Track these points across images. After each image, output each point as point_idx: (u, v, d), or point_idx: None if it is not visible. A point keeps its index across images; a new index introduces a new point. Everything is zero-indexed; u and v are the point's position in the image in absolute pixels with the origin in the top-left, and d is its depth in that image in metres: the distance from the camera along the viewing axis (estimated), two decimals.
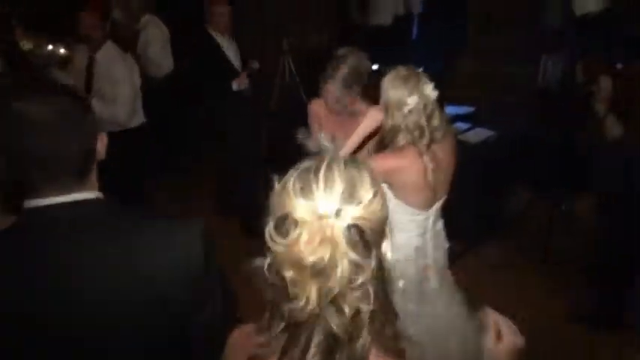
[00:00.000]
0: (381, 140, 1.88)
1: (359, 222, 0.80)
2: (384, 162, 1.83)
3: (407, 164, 1.81)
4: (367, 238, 0.82)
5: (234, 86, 3.53)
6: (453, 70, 4.30)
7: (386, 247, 0.89)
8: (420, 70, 3.67)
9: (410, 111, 1.78)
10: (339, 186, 0.81)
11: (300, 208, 0.79)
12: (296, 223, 0.79)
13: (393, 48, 4.12)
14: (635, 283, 2.65)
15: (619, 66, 2.56)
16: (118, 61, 3.14)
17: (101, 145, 1.08)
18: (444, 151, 1.90)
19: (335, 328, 0.81)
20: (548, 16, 3.79)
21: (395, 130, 1.81)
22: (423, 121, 1.80)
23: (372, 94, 2.11)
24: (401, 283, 1.90)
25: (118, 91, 3.11)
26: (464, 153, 3.13)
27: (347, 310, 0.81)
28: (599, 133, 2.47)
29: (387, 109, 1.83)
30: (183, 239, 1.07)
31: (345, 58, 2.26)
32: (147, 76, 4.47)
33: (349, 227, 0.79)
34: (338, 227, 0.78)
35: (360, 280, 0.80)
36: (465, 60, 4.42)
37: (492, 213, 3.58)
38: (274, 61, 5.19)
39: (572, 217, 3.24)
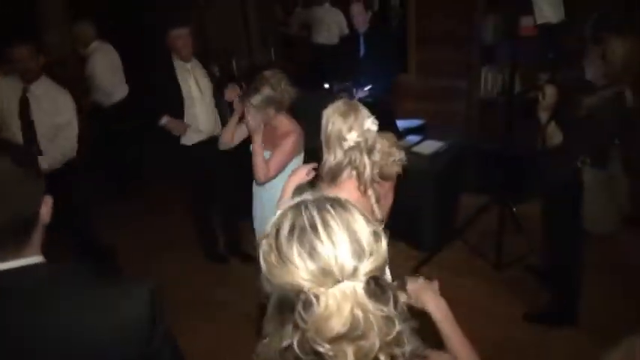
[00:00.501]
0: (325, 177, 1.84)
1: (373, 272, 0.78)
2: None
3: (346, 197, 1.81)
4: (381, 282, 0.80)
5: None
6: (399, 85, 4.44)
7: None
8: (368, 88, 3.80)
9: (351, 147, 1.75)
10: (344, 241, 0.77)
11: (315, 277, 0.75)
12: (317, 296, 0.74)
13: (341, 66, 4.22)
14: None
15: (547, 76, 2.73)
16: (57, 94, 3.06)
17: (46, 208, 1.02)
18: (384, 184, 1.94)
19: None
20: (484, 33, 3.99)
21: (339, 167, 1.77)
22: (365, 157, 1.77)
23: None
24: None
25: (62, 125, 3.05)
26: (418, 164, 3.28)
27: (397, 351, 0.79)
28: (541, 140, 2.58)
29: (327, 145, 1.79)
30: (129, 306, 1.02)
31: (270, 77, 2.45)
32: (96, 103, 4.41)
33: (368, 282, 0.77)
34: (359, 286, 0.76)
35: (395, 330, 0.78)
36: (409, 75, 4.58)
37: (448, 220, 3.70)
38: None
39: (522, 221, 3.38)
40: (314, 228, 0.77)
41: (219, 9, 5.61)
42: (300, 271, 0.75)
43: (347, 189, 1.78)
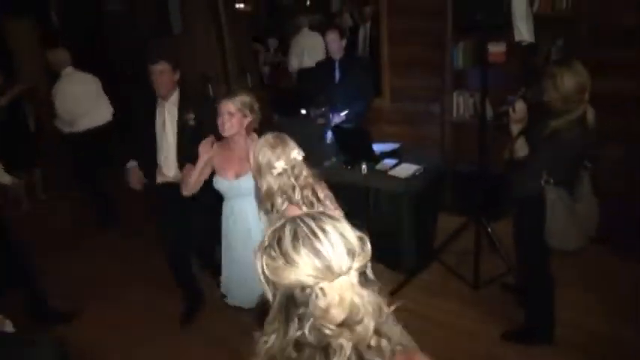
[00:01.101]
0: (263, 204, 2.06)
1: (362, 268, 0.95)
2: None
3: None
4: (367, 276, 0.98)
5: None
6: (373, 110, 4.53)
7: None
8: (345, 113, 3.85)
9: (279, 174, 1.99)
10: (339, 244, 0.93)
11: (320, 273, 0.90)
12: (322, 289, 0.90)
13: (317, 91, 4.29)
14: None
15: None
16: None
17: None
18: None
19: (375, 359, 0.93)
20: (455, 59, 4.13)
21: (270, 193, 2.01)
22: (292, 181, 2.01)
23: None
24: None
25: None
26: (396, 188, 3.34)
27: (384, 341, 0.95)
28: (509, 152, 2.69)
29: (259, 173, 2.03)
30: None
31: (241, 90, 2.67)
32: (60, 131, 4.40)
33: (360, 275, 0.95)
34: (354, 279, 0.92)
35: (385, 313, 0.96)
36: (383, 100, 4.68)
37: (427, 241, 3.74)
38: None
39: (499, 239, 3.44)
40: (314, 234, 0.93)
41: (195, 36, 5.67)
42: (308, 269, 0.90)
43: (290, 213, 1.92)
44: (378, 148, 3.75)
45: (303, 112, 3.99)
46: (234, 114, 2.55)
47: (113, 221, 4.80)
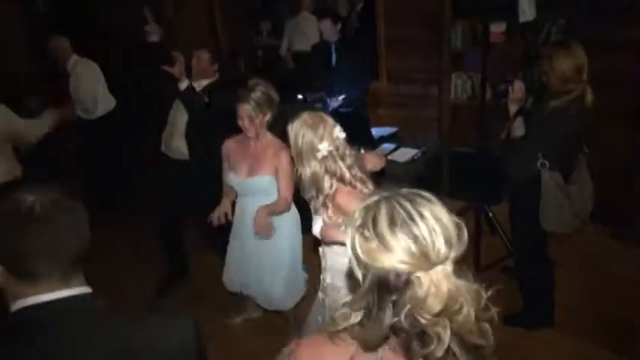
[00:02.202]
0: (308, 191, 1.94)
1: (458, 258, 0.89)
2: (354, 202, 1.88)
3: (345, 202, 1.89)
4: (461, 264, 0.90)
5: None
6: (371, 93, 4.47)
7: None
8: (342, 98, 3.81)
9: (324, 156, 1.83)
10: (438, 230, 0.87)
11: (416, 260, 0.85)
12: (418, 277, 0.85)
13: (313, 75, 4.23)
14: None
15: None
16: None
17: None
18: None
19: (478, 341, 0.90)
20: (453, 40, 4.06)
21: (316, 179, 1.86)
22: (340, 163, 1.86)
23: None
24: None
25: None
26: (394, 172, 3.30)
27: (486, 325, 0.92)
28: (506, 132, 2.70)
29: (299, 159, 1.88)
30: (177, 336, 1.08)
31: (256, 85, 2.45)
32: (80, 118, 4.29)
33: (455, 264, 0.88)
34: (449, 269, 0.87)
35: (484, 298, 0.92)
36: (380, 83, 4.62)
37: None
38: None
39: (499, 222, 3.43)
40: (412, 219, 0.87)
41: (188, 20, 5.56)
42: (404, 255, 0.85)
43: (340, 192, 1.87)
44: (376, 132, 3.71)
45: (300, 96, 3.92)
46: (254, 117, 2.44)
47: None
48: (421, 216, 0.87)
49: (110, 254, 4.11)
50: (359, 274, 0.91)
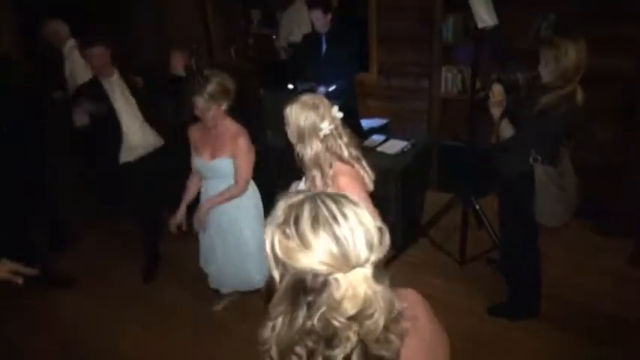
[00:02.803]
0: (308, 168, 1.97)
1: (378, 262, 0.88)
2: (360, 189, 1.95)
3: (363, 176, 2.00)
4: (380, 269, 0.89)
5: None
6: (361, 85, 4.47)
7: None
8: (332, 88, 3.81)
9: (325, 135, 1.91)
10: (360, 232, 0.86)
11: (336, 262, 0.83)
12: (336, 279, 0.84)
13: (304, 65, 4.20)
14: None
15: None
16: None
17: None
18: None
19: (381, 353, 0.88)
20: (444, 33, 4.06)
21: (317, 159, 1.92)
22: (339, 141, 1.95)
23: None
24: None
25: None
26: (384, 164, 3.30)
27: (393, 336, 0.90)
28: (495, 136, 2.70)
29: (302, 139, 1.93)
30: None
31: (211, 76, 2.53)
32: None
33: (374, 267, 0.87)
34: (368, 272, 0.86)
35: (396, 309, 0.90)
36: (371, 75, 4.61)
37: (414, 218, 3.74)
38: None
39: (486, 215, 3.46)
40: (335, 219, 0.85)
41: (178, 8, 5.49)
42: (324, 256, 0.83)
43: (341, 172, 1.93)
44: (366, 124, 3.71)
45: (290, 86, 3.90)
46: (209, 109, 2.56)
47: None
48: (344, 217, 0.86)
49: (95, 245, 4.11)
50: (276, 275, 0.89)
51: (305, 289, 0.85)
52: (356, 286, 0.84)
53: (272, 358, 0.90)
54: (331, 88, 3.90)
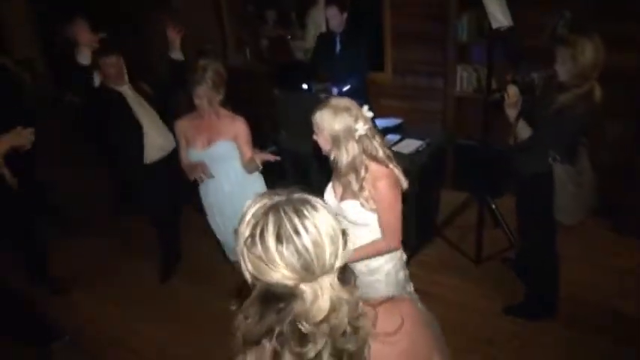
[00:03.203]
0: (345, 172, 1.95)
1: (342, 265, 0.92)
2: (398, 193, 1.96)
3: (398, 175, 1.97)
4: (346, 269, 0.95)
5: None
6: (375, 84, 4.47)
7: None
8: (347, 88, 3.81)
9: (361, 136, 1.88)
10: (323, 243, 0.89)
11: (299, 274, 0.88)
12: (301, 290, 0.89)
13: (318, 64, 4.22)
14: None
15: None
16: None
17: None
18: None
19: (349, 348, 0.92)
20: (459, 32, 4.04)
21: (354, 163, 1.89)
22: (374, 142, 1.93)
23: None
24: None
25: None
26: (399, 164, 3.30)
27: (357, 335, 0.93)
28: (513, 137, 2.67)
29: (337, 143, 1.89)
30: None
31: (208, 65, 2.60)
32: None
33: (341, 271, 0.92)
34: (334, 278, 0.91)
35: (359, 311, 0.94)
36: (385, 74, 4.61)
37: (429, 218, 3.74)
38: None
39: (502, 215, 3.44)
40: (297, 233, 0.88)
41: (193, 9, 5.54)
42: (287, 270, 0.87)
43: (380, 175, 1.91)
44: (380, 123, 3.71)
45: (305, 86, 3.92)
46: (212, 97, 2.62)
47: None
48: (306, 230, 0.89)
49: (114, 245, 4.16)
50: (249, 278, 0.94)
51: (275, 296, 0.89)
52: (322, 293, 0.89)
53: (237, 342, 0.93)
54: (345, 88, 3.91)
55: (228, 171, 2.80)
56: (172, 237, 3.78)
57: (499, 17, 2.84)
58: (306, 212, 0.91)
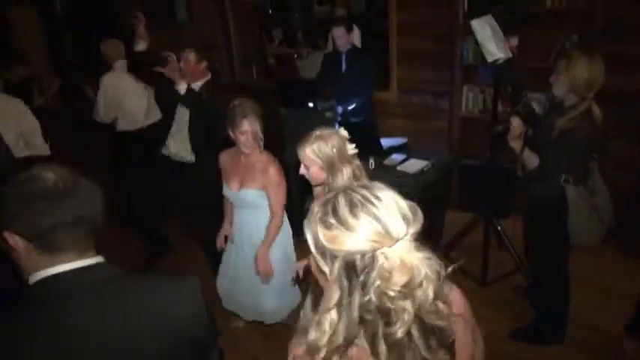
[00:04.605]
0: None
1: (416, 235, 0.94)
2: None
3: None
4: (420, 241, 0.96)
5: None
6: (380, 103, 4.48)
7: None
8: (352, 107, 3.82)
9: (352, 155, 1.97)
10: (394, 210, 0.93)
11: (380, 237, 0.90)
12: (384, 254, 0.90)
13: (323, 83, 4.24)
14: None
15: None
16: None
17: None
18: None
19: (437, 323, 0.94)
20: (465, 53, 4.06)
21: (350, 180, 1.91)
22: (357, 160, 2.01)
23: None
24: None
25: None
26: (404, 183, 3.28)
27: (441, 304, 0.96)
28: (520, 168, 2.63)
29: (332, 168, 1.94)
30: (181, 299, 1.16)
31: (243, 102, 2.50)
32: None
33: (414, 240, 0.94)
34: (410, 243, 0.93)
35: (442, 274, 0.95)
36: (391, 93, 4.62)
37: (434, 238, 3.70)
38: None
39: (507, 237, 3.40)
40: (369, 201, 0.93)
41: (200, 25, 5.60)
42: (368, 234, 0.90)
43: None
44: (386, 142, 3.70)
45: (311, 104, 3.93)
46: (254, 132, 2.49)
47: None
48: (377, 198, 0.93)
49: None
50: (326, 268, 0.95)
51: (356, 270, 0.90)
52: (402, 256, 0.90)
53: None
54: (350, 107, 3.92)
55: (250, 218, 2.71)
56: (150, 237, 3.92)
57: (493, 50, 2.86)
58: (373, 187, 0.97)
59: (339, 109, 3.91)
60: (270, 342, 3.01)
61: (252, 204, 2.64)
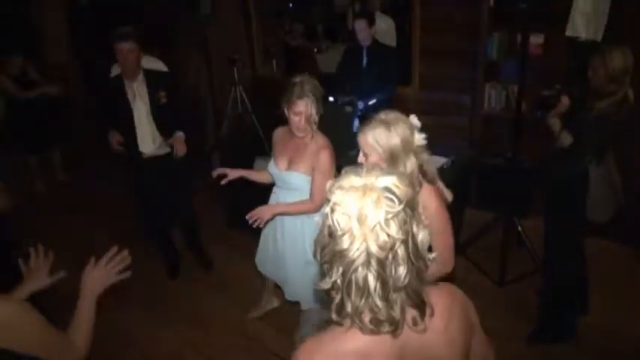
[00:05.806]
0: None
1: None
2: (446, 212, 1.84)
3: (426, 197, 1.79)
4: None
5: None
6: (401, 98, 4.43)
7: None
8: (372, 102, 3.78)
9: (419, 146, 1.76)
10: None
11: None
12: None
13: (344, 77, 4.22)
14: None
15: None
16: None
17: None
18: None
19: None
20: (489, 49, 3.99)
21: (412, 177, 1.70)
22: (425, 155, 1.80)
23: None
24: None
25: None
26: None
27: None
28: (552, 145, 2.72)
29: (393, 159, 1.71)
30: None
31: (306, 80, 2.34)
32: None
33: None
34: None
35: None
36: (412, 88, 4.57)
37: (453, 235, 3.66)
38: (225, 91, 5.26)
39: (527, 237, 3.35)
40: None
41: (223, 18, 5.61)
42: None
43: (432, 194, 1.79)
44: None
45: (331, 98, 3.92)
46: (307, 114, 2.33)
47: None
48: None
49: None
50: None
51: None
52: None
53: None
54: (371, 102, 3.89)
55: (293, 200, 2.52)
56: (163, 241, 3.81)
57: (578, 26, 2.84)
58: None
59: (360, 105, 3.88)
60: (285, 337, 3.02)
61: (297, 188, 2.49)
